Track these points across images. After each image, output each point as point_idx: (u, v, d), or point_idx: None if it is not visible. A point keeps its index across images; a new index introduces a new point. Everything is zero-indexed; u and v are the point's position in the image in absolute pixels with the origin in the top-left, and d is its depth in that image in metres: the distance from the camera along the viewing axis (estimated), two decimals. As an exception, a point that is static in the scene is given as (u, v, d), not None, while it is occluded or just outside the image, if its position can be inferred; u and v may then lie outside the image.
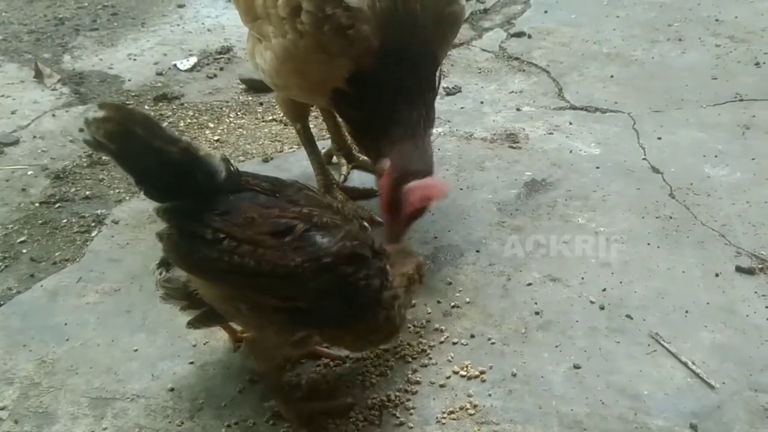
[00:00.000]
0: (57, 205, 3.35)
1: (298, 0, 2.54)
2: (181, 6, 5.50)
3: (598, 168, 3.51)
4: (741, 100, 4.02)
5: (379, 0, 2.55)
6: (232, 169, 2.17)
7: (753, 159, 3.51)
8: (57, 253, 3.07)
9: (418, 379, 2.47)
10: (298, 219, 2.10)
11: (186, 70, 4.58)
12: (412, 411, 2.37)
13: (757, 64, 4.38)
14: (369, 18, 2.53)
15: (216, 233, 2.07)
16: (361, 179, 3.50)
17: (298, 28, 2.57)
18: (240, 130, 3.96)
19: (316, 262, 2.06)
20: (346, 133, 3.57)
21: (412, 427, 2.32)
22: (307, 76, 2.72)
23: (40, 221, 3.25)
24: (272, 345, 2.26)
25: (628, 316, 2.69)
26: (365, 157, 3.56)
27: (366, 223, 2.33)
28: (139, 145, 1.98)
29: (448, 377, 2.47)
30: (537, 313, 2.72)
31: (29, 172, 3.60)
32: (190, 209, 2.11)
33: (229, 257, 2.06)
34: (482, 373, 2.47)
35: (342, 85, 2.67)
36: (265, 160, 3.66)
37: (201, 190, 2.10)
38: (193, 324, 2.37)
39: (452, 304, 2.76)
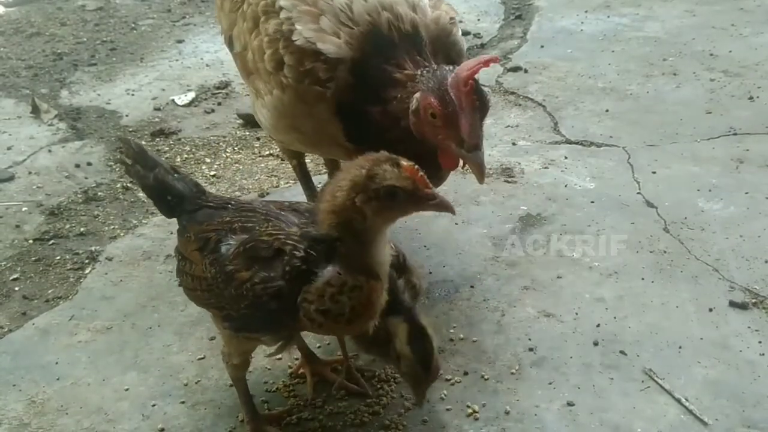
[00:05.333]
0: (51, 242, 3.35)
1: (280, 54, 2.56)
2: (180, 41, 5.55)
3: (593, 202, 3.51)
4: (735, 134, 4.03)
5: (357, 25, 2.51)
6: (194, 190, 2.35)
7: (746, 193, 3.52)
8: (50, 291, 3.06)
9: (410, 417, 2.44)
10: (216, 230, 2.14)
11: (184, 105, 4.61)
12: (404, 450, 2.35)
13: (750, 98, 4.40)
14: (346, 56, 2.48)
15: (179, 253, 2.29)
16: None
17: (282, 81, 2.57)
18: (237, 165, 3.97)
19: (223, 271, 2.06)
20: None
21: (404, 467, 2.31)
22: (301, 131, 2.70)
23: (33, 258, 3.25)
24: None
25: (621, 351, 2.68)
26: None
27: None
28: (132, 171, 2.33)
29: (441, 416, 2.45)
30: (531, 349, 2.70)
31: (24, 209, 3.61)
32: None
33: (183, 275, 2.26)
34: (475, 411, 2.45)
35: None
36: (261, 195, 3.67)
37: (175, 210, 2.34)
38: None
39: (446, 339, 2.74)
